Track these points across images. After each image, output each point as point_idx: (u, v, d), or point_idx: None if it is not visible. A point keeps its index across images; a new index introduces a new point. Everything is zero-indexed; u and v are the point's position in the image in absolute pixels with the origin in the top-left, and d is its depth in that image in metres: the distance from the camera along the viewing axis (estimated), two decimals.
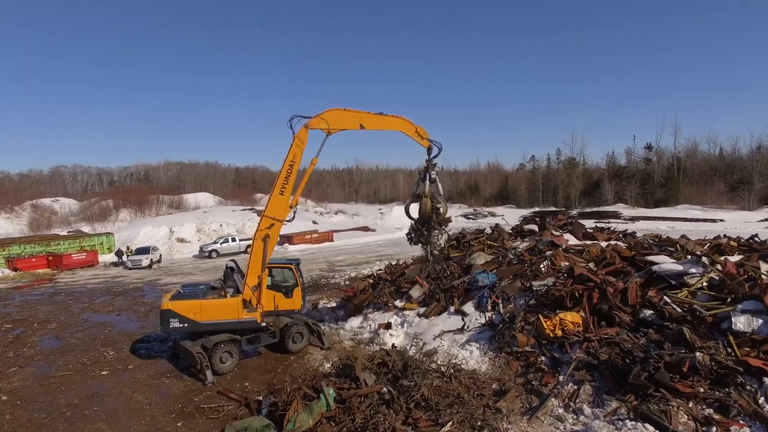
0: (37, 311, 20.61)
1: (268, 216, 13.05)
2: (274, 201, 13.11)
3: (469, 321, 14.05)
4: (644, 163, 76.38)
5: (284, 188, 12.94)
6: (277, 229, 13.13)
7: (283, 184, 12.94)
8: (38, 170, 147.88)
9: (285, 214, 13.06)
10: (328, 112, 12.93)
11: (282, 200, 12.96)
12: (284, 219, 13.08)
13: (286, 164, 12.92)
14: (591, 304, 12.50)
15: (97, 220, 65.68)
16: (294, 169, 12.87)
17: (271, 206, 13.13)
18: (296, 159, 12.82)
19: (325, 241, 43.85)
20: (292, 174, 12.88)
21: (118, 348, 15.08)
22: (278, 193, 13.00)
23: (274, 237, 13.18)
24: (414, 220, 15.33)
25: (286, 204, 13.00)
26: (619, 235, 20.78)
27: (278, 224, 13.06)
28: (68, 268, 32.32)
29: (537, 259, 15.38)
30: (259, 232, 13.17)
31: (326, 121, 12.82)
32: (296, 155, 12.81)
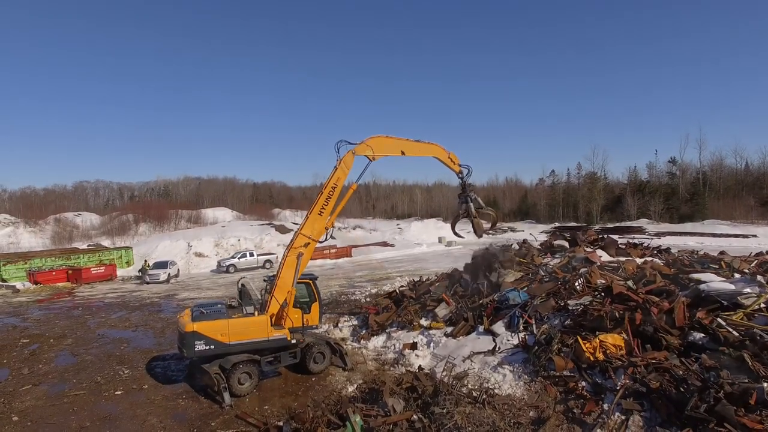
0: (54, 326, 20.36)
1: (305, 234, 12.93)
2: (312, 220, 13.00)
3: (500, 342, 13.24)
4: (668, 177, 74.40)
5: (323, 209, 12.95)
6: (311, 248, 13.09)
7: (323, 205, 12.95)
8: (62, 185, 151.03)
9: (321, 234, 13.03)
10: (373, 140, 13.22)
11: (320, 221, 12.95)
12: (319, 239, 13.03)
13: (328, 186, 12.95)
14: (633, 325, 11.62)
15: (116, 234, 66.40)
16: (336, 192, 12.96)
17: (308, 225, 12.99)
18: (339, 182, 12.93)
19: (343, 256, 43.32)
20: (333, 196, 12.95)
21: (133, 366, 14.60)
22: (317, 213, 12.98)
23: (308, 256, 13.00)
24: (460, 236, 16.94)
25: (323, 225, 12.97)
26: (654, 250, 19.72)
27: (313, 243, 13.01)
28: (87, 281, 32.31)
29: (571, 276, 14.53)
30: (293, 249, 12.90)
31: (371, 147, 13.12)
32: (340, 179, 12.92)
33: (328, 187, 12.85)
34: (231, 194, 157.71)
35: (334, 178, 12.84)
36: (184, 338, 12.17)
